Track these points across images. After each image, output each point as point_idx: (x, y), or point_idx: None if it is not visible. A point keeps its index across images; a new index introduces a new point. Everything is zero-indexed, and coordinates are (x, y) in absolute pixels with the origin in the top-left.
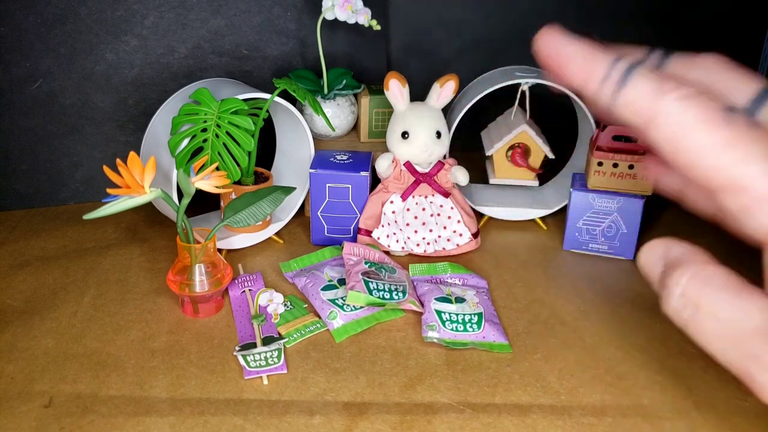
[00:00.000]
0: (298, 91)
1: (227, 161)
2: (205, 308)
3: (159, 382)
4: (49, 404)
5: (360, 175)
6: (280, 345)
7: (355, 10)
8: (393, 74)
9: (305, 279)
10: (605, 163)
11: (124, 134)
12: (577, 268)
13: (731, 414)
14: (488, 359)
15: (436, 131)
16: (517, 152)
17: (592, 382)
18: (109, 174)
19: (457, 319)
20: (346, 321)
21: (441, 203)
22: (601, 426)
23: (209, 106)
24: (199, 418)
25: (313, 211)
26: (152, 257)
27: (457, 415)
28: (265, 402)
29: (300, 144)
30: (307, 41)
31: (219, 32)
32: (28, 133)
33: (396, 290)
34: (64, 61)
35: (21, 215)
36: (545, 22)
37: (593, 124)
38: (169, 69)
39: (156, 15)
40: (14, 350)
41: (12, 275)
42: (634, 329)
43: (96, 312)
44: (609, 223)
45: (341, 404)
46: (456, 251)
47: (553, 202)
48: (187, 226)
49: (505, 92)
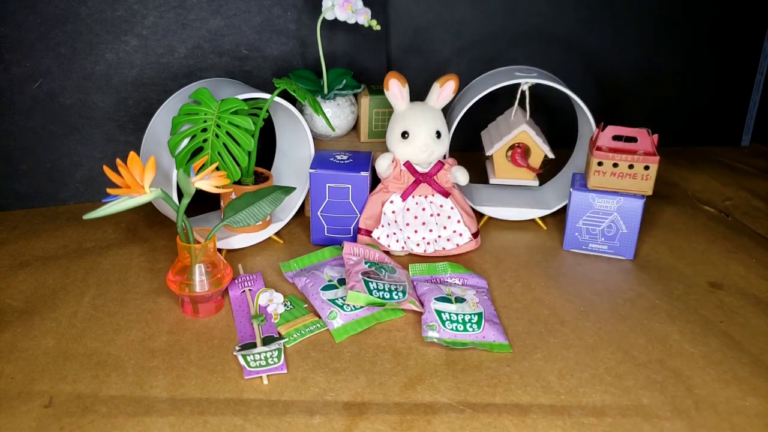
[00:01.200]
0: (298, 91)
1: (227, 161)
2: (205, 308)
3: (159, 382)
4: (49, 404)
5: (360, 175)
6: (280, 345)
7: (355, 10)
8: (393, 74)
9: (305, 279)
10: (605, 163)
11: (124, 134)
12: (577, 268)
13: (731, 414)
14: (488, 359)
15: (436, 131)
16: (517, 152)
17: (592, 382)
18: (109, 174)
19: (457, 319)
20: (346, 321)
21: (441, 203)
22: (601, 426)
23: (209, 106)
24: (199, 418)
25: (313, 211)
26: (152, 257)
27: (457, 415)
28: (265, 402)
29: (300, 144)
30: (307, 41)
31: (219, 32)
32: (28, 133)
33: (396, 290)
34: (64, 61)
35: (21, 215)
36: (545, 22)
37: (593, 124)
38: (169, 69)
39: (156, 15)
40: (14, 350)
41: (12, 275)
42: (634, 329)
43: (96, 312)
44: (609, 223)
45: (341, 404)
46: (456, 251)
47: (553, 202)
48: (187, 226)
49: (505, 92)
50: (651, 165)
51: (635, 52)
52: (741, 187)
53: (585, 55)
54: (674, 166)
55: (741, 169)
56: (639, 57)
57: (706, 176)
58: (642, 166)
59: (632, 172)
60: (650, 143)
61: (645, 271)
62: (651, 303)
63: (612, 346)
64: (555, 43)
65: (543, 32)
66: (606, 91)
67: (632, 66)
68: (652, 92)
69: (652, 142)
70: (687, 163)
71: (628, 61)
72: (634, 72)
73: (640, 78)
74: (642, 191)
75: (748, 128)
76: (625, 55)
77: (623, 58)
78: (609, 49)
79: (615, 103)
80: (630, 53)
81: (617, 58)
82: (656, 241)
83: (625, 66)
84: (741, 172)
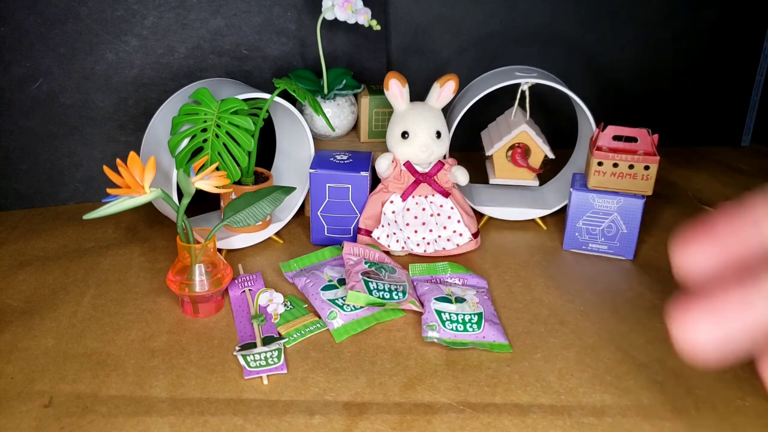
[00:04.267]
0: (298, 91)
1: (227, 161)
2: (205, 308)
3: (159, 382)
4: (49, 404)
5: (360, 175)
6: (280, 345)
7: (355, 10)
8: (393, 74)
9: (305, 279)
10: (605, 163)
11: (124, 134)
12: (577, 268)
13: (731, 414)
14: (488, 359)
15: (436, 131)
16: (517, 152)
17: (592, 382)
18: (109, 174)
19: (457, 319)
20: (346, 321)
21: (441, 203)
22: (601, 426)
23: (209, 106)
24: (199, 418)
25: (313, 211)
26: (152, 257)
27: (457, 415)
28: (265, 402)
29: (300, 144)
30: (307, 41)
31: (219, 32)
32: (28, 133)
33: (396, 290)
34: (64, 61)
35: (21, 215)
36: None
37: (593, 124)
38: (169, 69)
39: (156, 15)
40: (14, 350)
41: (12, 275)
42: (634, 329)
43: (96, 312)
44: (609, 223)
45: (341, 404)
46: (456, 251)
47: (553, 202)
48: (187, 226)
49: (505, 92)
50: (651, 165)
51: (635, 52)
52: (741, 187)
53: (585, 55)
54: (674, 166)
55: (741, 169)
56: (639, 57)
57: (706, 176)
58: (642, 166)
59: (632, 172)
60: (650, 143)
61: (645, 271)
62: (651, 303)
63: (612, 346)
64: (555, 43)
65: (543, 32)
66: (606, 91)
67: (632, 66)
68: (652, 92)
69: (652, 142)
70: (687, 163)
71: (628, 61)
72: (634, 72)
73: (640, 78)
74: (642, 191)
75: (748, 128)
76: (625, 55)
77: (623, 58)
78: (609, 49)
79: (615, 103)
80: (630, 53)
81: (617, 58)
82: (656, 241)
83: (625, 66)
84: (741, 172)
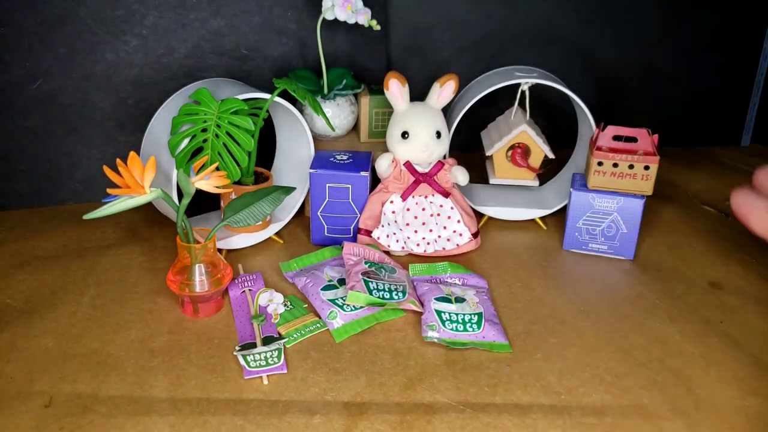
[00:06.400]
0: (298, 91)
1: (227, 161)
2: (205, 308)
3: (159, 382)
4: (49, 404)
5: (360, 175)
6: (280, 345)
7: (355, 10)
8: (393, 74)
9: (305, 279)
10: (605, 163)
11: (124, 134)
12: (577, 268)
13: (731, 414)
14: (488, 359)
15: (436, 131)
16: (517, 152)
17: (592, 382)
18: (109, 174)
19: (457, 319)
20: (346, 321)
21: (441, 203)
22: (601, 426)
23: (209, 106)
24: (199, 418)
25: (313, 211)
26: (152, 257)
27: (457, 415)
28: (265, 402)
29: (300, 144)
30: (307, 41)
31: (219, 32)
32: (28, 133)
33: (396, 290)
34: (64, 61)
35: (21, 215)
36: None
37: (593, 124)
38: (169, 69)
39: (156, 15)
40: (14, 350)
41: (12, 275)
42: (634, 329)
43: (96, 312)
44: (609, 223)
45: (341, 404)
46: (456, 251)
47: (553, 202)
48: (187, 226)
49: (505, 92)
50: (651, 165)
51: (635, 52)
52: None
53: (585, 55)
54: (674, 166)
55: (741, 169)
56: (639, 57)
57: (706, 176)
58: (642, 166)
59: (632, 172)
60: (650, 143)
61: (645, 271)
62: (651, 303)
63: (612, 346)
64: (555, 43)
65: (543, 32)
66: (606, 91)
67: (632, 66)
68: (652, 92)
69: (652, 142)
70: (687, 163)
71: (628, 61)
72: (634, 72)
73: (640, 78)
74: (642, 191)
75: (748, 128)
76: (625, 55)
77: (623, 58)
78: (609, 49)
79: (615, 103)
80: (630, 53)
81: (617, 58)
82: (656, 241)
83: (625, 66)
84: (741, 172)
